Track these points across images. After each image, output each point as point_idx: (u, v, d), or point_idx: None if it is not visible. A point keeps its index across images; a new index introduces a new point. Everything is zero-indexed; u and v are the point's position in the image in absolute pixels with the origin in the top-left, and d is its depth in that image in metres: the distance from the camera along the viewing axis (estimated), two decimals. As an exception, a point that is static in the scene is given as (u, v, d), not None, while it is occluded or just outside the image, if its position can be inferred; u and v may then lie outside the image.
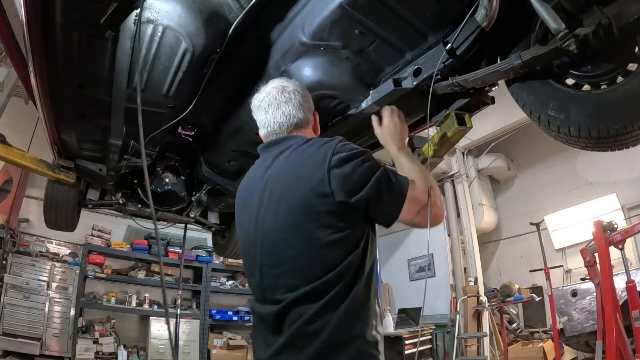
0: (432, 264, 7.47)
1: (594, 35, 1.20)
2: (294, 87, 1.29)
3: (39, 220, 3.79)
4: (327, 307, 1.00)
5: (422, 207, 1.11)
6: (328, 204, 1.04)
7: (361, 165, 1.08)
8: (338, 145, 1.11)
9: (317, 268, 1.02)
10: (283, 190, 1.12)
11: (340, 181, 1.05)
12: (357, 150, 1.11)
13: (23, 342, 4.46)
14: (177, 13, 1.45)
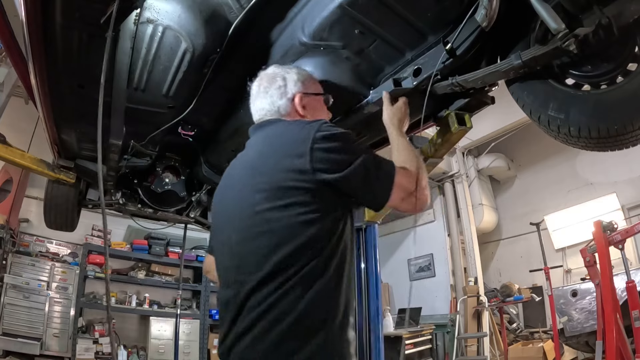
0: (432, 264, 7.48)
1: (594, 35, 1.20)
2: (275, 73, 1.28)
3: (39, 220, 3.79)
4: (291, 292, 0.94)
5: (408, 193, 1.08)
6: (306, 181, 1.00)
7: (347, 145, 1.06)
8: (323, 125, 1.08)
9: (284, 248, 0.96)
10: (261, 166, 1.09)
11: (323, 158, 1.01)
12: (343, 131, 1.08)
13: (23, 342, 4.46)
14: (177, 13, 1.46)
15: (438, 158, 1.98)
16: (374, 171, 1.05)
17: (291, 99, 1.24)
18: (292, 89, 1.25)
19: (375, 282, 3.31)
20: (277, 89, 1.25)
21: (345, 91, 1.71)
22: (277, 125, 1.19)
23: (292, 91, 1.25)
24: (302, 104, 1.24)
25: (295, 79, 1.27)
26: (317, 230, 0.98)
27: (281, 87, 1.25)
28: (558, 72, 1.38)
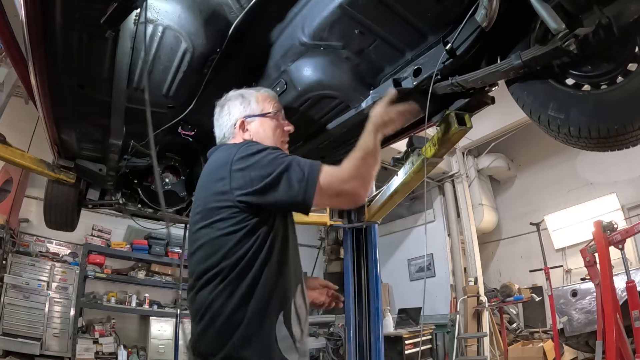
0: (432, 264, 7.48)
1: (594, 35, 1.20)
2: (228, 98, 1.41)
3: (39, 220, 3.79)
4: (220, 296, 1.08)
5: (336, 192, 1.15)
6: (227, 200, 1.12)
7: (261, 161, 1.14)
8: (243, 146, 1.19)
9: (211, 259, 1.11)
10: (198, 191, 1.25)
11: (239, 178, 1.12)
12: (260, 148, 1.17)
13: (23, 342, 4.46)
14: (177, 13, 1.46)
15: (438, 158, 1.98)
16: (294, 178, 1.11)
17: (234, 124, 1.36)
18: (235, 115, 1.37)
19: (375, 282, 3.31)
20: (224, 116, 1.38)
21: (345, 91, 1.71)
22: (218, 151, 1.31)
23: (234, 117, 1.36)
24: (245, 128, 1.35)
25: (239, 104, 1.38)
26: (239, 242, 1.11)
27: (226, 115, 1.38)
28: (558, 72, 1.38)
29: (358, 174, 1.17)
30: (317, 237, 8.35)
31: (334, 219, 3.58)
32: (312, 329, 5.59)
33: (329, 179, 1.13)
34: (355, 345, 3.21)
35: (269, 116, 1.38)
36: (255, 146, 1.18)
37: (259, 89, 1.44)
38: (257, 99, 1.39)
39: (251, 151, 1.16)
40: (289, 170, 1.12)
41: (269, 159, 1.14)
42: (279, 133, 1.39)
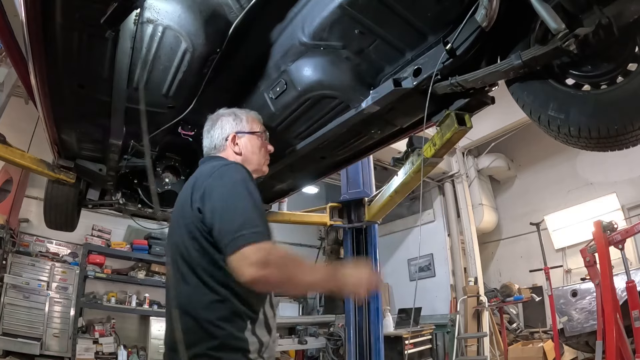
0: (432, 264, 7.48)
1: (594, 35, 1.20)
2: (221, 114, 1.50)
3: (39, 220, 3.79)
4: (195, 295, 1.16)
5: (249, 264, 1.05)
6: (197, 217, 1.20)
7: (226, 187, 1.19)
8: (224, 167, 1.26)
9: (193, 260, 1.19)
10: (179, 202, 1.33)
11: (204, 196, 1.19)
12: (235, 175, 1.23)
13: (23, 342, 4.46)
14: (177, 13, 1.46)
15: (438, 158, 1.98)
16: (237, 222, 1.11)
17: (226, 137, 1.45)
18: (227, 129, 1.46)
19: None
20: (217, 129, 1.47)
21: (345, 91, 1.71)
22: (207, 164, 1.39)
23: (227, 132, 1.46)
24: (236, 142, 1.45)
25: (232, 120, 1.48)
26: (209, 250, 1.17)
27: (218, 129, 1.47)
28: (558, 72, 1.38)
29: (282, 275, 1.09)
30: (317, 237, 8.36)
31: (334, 219, 3.59)
32: (312, 329, 5.59)
33: (258, 253, 1.07)
34: (355, 345, 3.21)
35: (257, 135, 1.49)
36: (239, 173, 1.24)
37: (249, 111, 1.55)
38: (247, 119, 1.50)
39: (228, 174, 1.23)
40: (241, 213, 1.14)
41: (233, 191, 1.19)
42: (263, 152, 1.50)
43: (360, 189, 3.53)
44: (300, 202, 5.78)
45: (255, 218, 1.13)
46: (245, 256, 1.06)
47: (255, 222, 1.12)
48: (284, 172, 2.42)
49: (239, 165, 1.30)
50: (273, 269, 1.06)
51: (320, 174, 2.63)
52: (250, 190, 1.19)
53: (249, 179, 1.23)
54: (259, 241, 1.08)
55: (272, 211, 3.33)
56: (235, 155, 1.44)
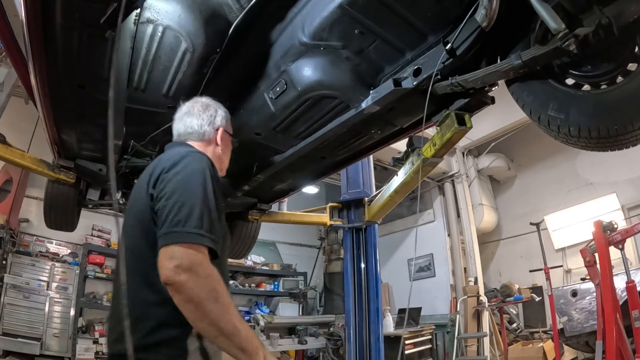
0: (432, 264, 7.48)
1: (594, 35, 1.20)
2: (212, 104, 1.44)
3: (39, 220, 3.79)
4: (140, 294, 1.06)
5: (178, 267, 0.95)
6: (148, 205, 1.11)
7: (183, 177, 1.09)
8: (190, 155, 1.17)
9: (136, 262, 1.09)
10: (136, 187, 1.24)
11: (158, 182, 1.11)
12: (198, 167, 1.13)
13: (23, 342, 4.46)
14: (177, 13, 1.46)
15: (438, 158, 1.98)
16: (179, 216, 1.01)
17: (216, 129, 1.41)
18: (220, 121, 1.42)
19: (375, 282, 3.31)
20: (208, 117, 1.40)
21: (345, 91, 1.71)
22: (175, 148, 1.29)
23: (218, 123, 1.42)
24: (221, 137, 1.41)
25: (223, 115, 1.45)
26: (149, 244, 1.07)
27: (212, 116, 1.41)
28: (558, 72, 1.38)
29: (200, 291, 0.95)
30: (317, 237, 8.36)
31: (334, 219, 3.59)
32: (312, 329, 5.59)
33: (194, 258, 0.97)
34: (355, 345, 3.21)
35: (232, 140, 1.50)
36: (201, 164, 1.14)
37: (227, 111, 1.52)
38: (229, 120, 1.50)
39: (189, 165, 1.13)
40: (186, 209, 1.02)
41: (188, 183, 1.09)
42: (228, 155, 1.49)
43: (360, 189, 3.53)
44: (300, 202, 5.78)
45: (200, 218, 1.02)
46: (170, 254, 0.97)
47: (198, 223, 1.01)
48: (284, 172, 2.42)
49: (205, 157, 1.20)
50: (193, 280, 0.94)
51: (320, 174, 2.63)
52: (208, 187, 1.09)
53: (211, 175, 1.13)
54: (193, 242, 0.98)
55: (272, 211, 3.33)
56: (214, 150, 1.39)
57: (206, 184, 1.09)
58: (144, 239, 1.10)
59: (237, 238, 3.32)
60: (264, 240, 7.46)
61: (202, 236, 1.00)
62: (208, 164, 1.16)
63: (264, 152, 2.21)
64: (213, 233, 1.04)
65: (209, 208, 1.06)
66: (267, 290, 7.05)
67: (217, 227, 1.07)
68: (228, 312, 0.98)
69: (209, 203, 1.07)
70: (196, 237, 1.00)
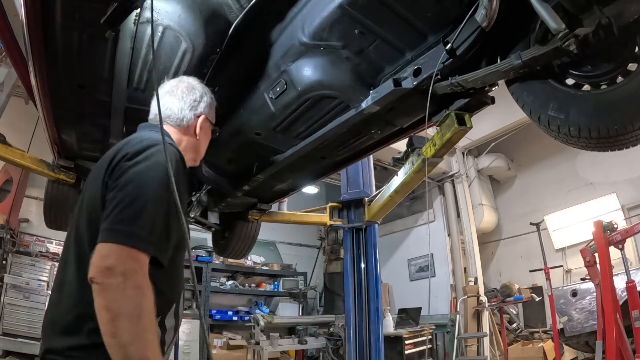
0: (432, 264, 7.48)
1: (594, 35, 1.20)
2: (198, 86, 1.31)
3: (39, 220, 3.79)
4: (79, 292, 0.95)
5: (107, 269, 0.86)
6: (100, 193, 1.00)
7: (141, 170, 0.97)
8: (157, 147, 1.02)
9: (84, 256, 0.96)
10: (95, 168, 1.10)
11: (115, 171, 0.99)
12: (160, 159, 0.99)
13: (23, 342, 4.46)
14: (177, 13, 1.46)
15: (438, 158, 1.98)
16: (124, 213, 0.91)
17: (197, 116, 1.28)
18: (203, 108, 1.29)
19: (375, 282, 3.31)
20: (191, 101, 1.27)
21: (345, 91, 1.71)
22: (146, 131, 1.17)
23: (201, 109, 1.29)
24: (201, 126, 1.29)
25: (208, 101, 1.32)
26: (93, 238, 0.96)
27: (196, 101, 1.28)
28: (558, 72, 1.38)
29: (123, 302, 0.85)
30: (317, 237, 8.36)
31: (334, 219, 3.59)
32: (312, 329, 5.59)
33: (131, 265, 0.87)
34: (355, 345, 3.21)
35: (213, 129, 1.38)
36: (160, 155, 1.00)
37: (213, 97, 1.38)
38: (214, 107, 1.36)
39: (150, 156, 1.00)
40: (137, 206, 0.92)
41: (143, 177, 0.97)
42: (205, 144, 1.37)
43: (360, 189, 3.53)
44: (300, 202, 5.78)
45: (150, 219, 0.92)
46: (106, 252, 0.87)
47: (146, 224, 0.91)
48: (284, 172, 2.42)
49: (174, 150, 1.08)
50: (121, 288, 0.84)
51: (320, 174, 2.63)
52: (163, 186, 0.96)
53: (176, 172, 1.00)
54: (134, 247, 0.88)
55: (272, 211, 3.33)
56: (190, 138, 1.27)
57: (166, 182, 0.96)
58: (88, 231, 0.98)
59: (237, 238, 3.32)
60: (264, 240, 7.46)
61: (147, 242, 0.90)
62: (176, 158, 1.06)
63: (264, 152, 2.22)
64: (162, 239, 0.94)
65: (163, 210, 0.96)
66: (267, 290, 7.05)
67: (168, 233, 0.96)
68: (144, 339, 0.85)
69: (165, 205, 0.96)
70: (139, 242, 0.89)
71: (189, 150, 1.28)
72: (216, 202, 2.88)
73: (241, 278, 6.69)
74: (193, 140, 1.29)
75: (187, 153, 1.27)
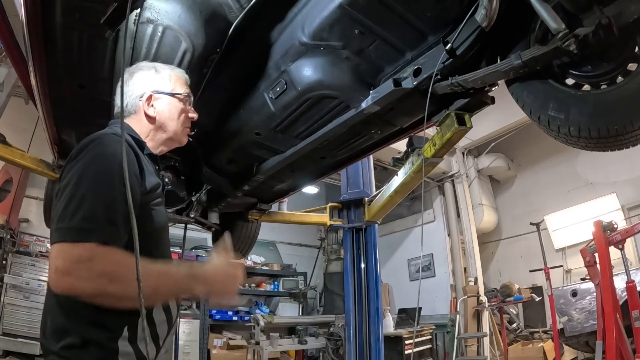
0: (432, 264, 7.48)
1: (594, 35, 1.20)
2: (140, 66, 1.27)
3: (39, 220, 3.80)
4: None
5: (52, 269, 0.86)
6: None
7: (80, 165, 0.95)
8: (97, 141, 1.01)
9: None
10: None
11: (64, 173, 0.98)
12: (99, 151, 0.98)
13: (23, 342, 4.46)
14: (177, 13, 1.45)
15: (438, 158, 1.98)
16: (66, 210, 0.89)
17: (140, 95, 1.21)
18: (144, 87, 1.22)
19: (375, 282, 3.31)
20: (132, 87, 1.21)
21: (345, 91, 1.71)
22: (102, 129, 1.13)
23: (142, 89, 1.22)
24: (151, 104, 1.22)
25: (151, 75, 1.24)
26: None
27: (136, 85, 1.22)
28: (558, 72, 1.38)
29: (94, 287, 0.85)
30: (317, 237, 8.36)
31: (334, 219, 3.59)
32: (312, 329, 5.59)
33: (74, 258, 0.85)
34: (355, 345, 3.21)
35: (178, 97, 1.27)
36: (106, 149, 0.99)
37: (174, 68, 1.33)
38: (170, 77, 1.28)
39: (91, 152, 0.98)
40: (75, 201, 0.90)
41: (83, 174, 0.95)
42: (183, 118, 1.28)
43: (360, 189, 3.53)
44: (300, 202, 5.78)
45: (86, 210, 0.88)
46: (54, 254, 0.86)
47: (81, 215, 0.87)
48: (284, 172, 2.42)
49: (114, 139, 1.01)
50: (77, 282, 0.84)
51: (320, 174, 2.63)
52: (103, 174, 0.95)
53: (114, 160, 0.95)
54: (75, 241, 0.85)
55: (272, 211, 3.33)
56: (146, 120, 1.22)
57: (108, 171, 0.94)
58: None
59: (237, 238, 3.32)
60: (264, 240, 7.47)
61: (88, 231, 0.87)
62: (109, 148, 0.99)
63: (264, 152, 2.22)
64: (105, 225, 0.90)
65: (103, 198, 0.92)
66: (267, 290, 7.05)
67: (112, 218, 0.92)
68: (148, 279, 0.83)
69: (101, 192, 0.93)
70: (79, 233, 0.86)
71: (154, 132, 1.23)
72: (216, 202, 2.88)
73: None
74: (151, 122, 1.23)
75: (156, 135, 1.24)
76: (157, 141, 1.26)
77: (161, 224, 1.12)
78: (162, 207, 1.13)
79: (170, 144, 1.30)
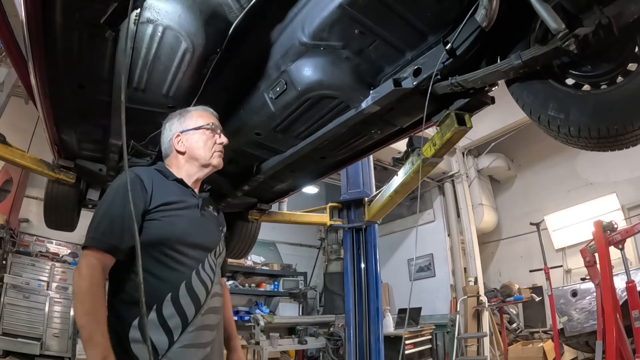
0: (432, 264, 7.48)
1: (594, 35, 1.20)
2: (169, 117, 1.53)
3: (39, 220, 3.79)
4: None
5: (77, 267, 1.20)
6: None
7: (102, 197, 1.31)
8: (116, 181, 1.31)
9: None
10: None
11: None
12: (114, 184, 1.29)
13: (23, 342, 4.46)
14: (177, 13, 1.45)
15: (438, 158, 1.98)
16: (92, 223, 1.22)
17: (170, 139, 1.48)
18: (171, 131, 1.48)
19: (375, 282, 3.31)
20: (164, 132, 1.50)
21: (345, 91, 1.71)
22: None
23: (171, 134, 1.48)
24: (179, 141, 1.46)
25: (176, 121, 1.49)
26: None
27: (167, 130, 1.50)
28: (558, 72, 1.38)
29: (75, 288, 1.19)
30: (317, 237, 8.36)
31: (334, 219, 3.59)
32: (312, 329, 5.59)
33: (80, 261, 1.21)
34: (355, 345, 3.21)
35: (203, 129, 1.48)
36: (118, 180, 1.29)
37: (197, 107, 1.55)
38: (192, 115, 1.50)
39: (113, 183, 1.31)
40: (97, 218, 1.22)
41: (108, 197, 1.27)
42: (210, 144, 1.48)
43: (360, 189, 3.53)
44: (300, 202, 5.78)
45: (101, 223, 1.20)
46: (81, 256, 1.22)
47: (99, 227, 1.20)
48: (284, 172, 2.42)
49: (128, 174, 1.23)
50: (77, 277, 1.15)
51: (320, 174, 2.63)
52: (115, 197, 1.23)
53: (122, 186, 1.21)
54: (89, 247, 1.17)
55: (272, 211, 3.33)
56: (178, 156, 1.47)
57: (115, 195, 1.23)
58: None
59: (237, 238, 3.32)
60: (264, 240, 7.47)
61: (92, 239, 1.18)
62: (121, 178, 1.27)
63: (264, 152, 2.22)
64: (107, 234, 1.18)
65: (111, 215, 1.20)
66: (267, 290, 7.05)
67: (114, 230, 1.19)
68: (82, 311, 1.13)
69: (112, 210, 1.21)
70: (91, 241, 1.18)
71: (188, 164, 1.47)
72: (216, 202, 2.88)
73: (241, 278, 6.69)
74: (180, 156, 1.47)
75: (190, 165, 1.47)
76: (192, 170, 1.47)
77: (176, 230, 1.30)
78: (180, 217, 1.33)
79: (204, 169, 1.49)
